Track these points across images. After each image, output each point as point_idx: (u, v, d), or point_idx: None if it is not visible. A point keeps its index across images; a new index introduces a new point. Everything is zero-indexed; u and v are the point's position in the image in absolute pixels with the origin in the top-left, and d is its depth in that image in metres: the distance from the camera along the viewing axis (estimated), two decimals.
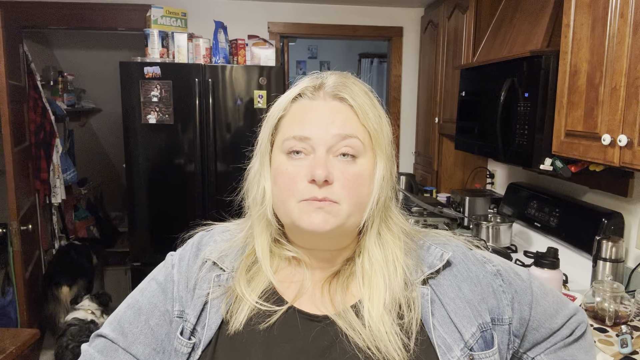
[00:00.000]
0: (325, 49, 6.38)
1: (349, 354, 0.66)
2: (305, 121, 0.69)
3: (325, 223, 0.67)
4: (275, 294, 0.73)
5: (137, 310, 0.76)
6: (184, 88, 2.90)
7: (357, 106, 0.69)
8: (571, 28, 1.60)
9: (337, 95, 0.69)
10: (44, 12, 3.32)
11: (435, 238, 0.79)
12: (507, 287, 0.75)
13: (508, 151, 2.00)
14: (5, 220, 2.69)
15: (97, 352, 0.74)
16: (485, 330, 0.71)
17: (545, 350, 0.79)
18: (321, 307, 0.71)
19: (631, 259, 1.80)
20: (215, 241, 0.79)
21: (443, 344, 0.68)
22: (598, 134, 1.45)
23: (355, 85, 0.71)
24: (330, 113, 0.68)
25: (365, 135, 0.69)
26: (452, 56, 2.92)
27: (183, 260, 0.79)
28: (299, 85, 0.73)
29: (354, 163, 0.68)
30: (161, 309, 0.76)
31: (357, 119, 0.69)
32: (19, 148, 2.82)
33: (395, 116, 3.88)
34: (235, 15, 3.47)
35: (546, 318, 0.78)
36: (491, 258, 0.78)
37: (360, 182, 0.68)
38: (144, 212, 3.00)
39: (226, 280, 0.74)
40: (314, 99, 0.70)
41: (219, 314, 0.71)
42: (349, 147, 0.67)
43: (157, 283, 0.78)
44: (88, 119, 4.86)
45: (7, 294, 2.90)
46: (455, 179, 3.27)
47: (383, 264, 0.71)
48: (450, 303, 0.71)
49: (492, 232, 2.30)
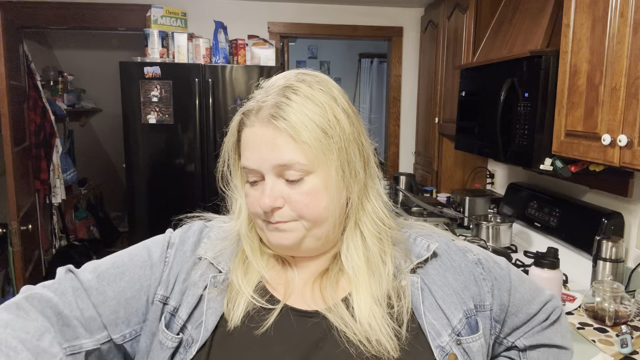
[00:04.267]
0: (325, 49, 6.38)
1: (341, 347, 0.68)
2: (249, 151, 0.70)
3: (285, 240, 0.71)
4: (266, 292, 0.74)
5: (119, 274, 0.75)
6: (184, 88, 2.90)
7: (290, 128, 0.66)
8: (571, 28, 1.60)
9: (271, 121, 0.67)
10: (44, 12, 3.32)
11: (420, 230, 0.81)
12: (487, 274, 0.78)
13: (508, 151, 2.00)
14: (5, 220, 2.69)
15: (70, 289, 0.72)
16: (470, 316, 0.74)
17: (524, 334, 0.83)
18: (312, 304, 0.73)
19: (631, 259, 1.80)
20: (209, 238, 0.80)
21: (433, 330, 0.70)
22: (598, 134, 1.45)
23: (295, 95, 0.68)
24: (269, 141, 0.68)
25: (308, 152, 0.67)
26: (452, 56, 2.92)
27: (182, 245, 0.78)
28: (243, 108, 0.73)
29: (302, 183, 0.69)
30: (143, 283, 0.75)
31: (295, 142, 0.67)
32: (19, 148, 2.82)
33: (395, 116, 3.88)
34: (235, 15, 3.47)
35: (524, 304, 0.81)
36: (471, 248, 0.81)
37: (313, 198, 0.69)
38: (144, 212, 3.00)
39: (222, 281, 0.74)
40: (253, 126, 0.70)
41: (216, 315, 0.71)
42: (292, 172, 0.68)
43: (149, 256, 0.77)
44: (88, 119, 4.86)
45: (7, 294, 2.90)
46: (455, 179, 3.27)
47: (369, 257, 0.73)
48: (438, 291, 0.74)
49: (492, 232, 2.30)
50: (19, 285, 2.72)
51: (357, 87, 6.50)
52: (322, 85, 0.71)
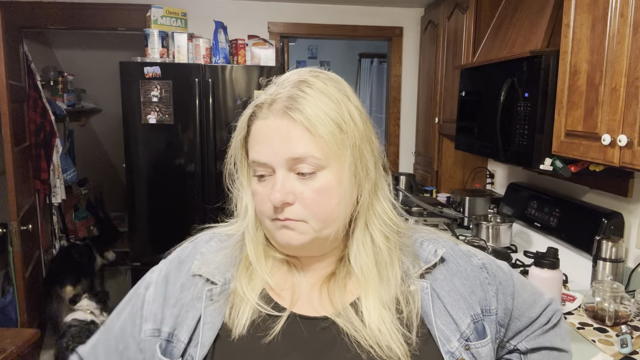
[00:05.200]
0: (325, 49, 6.38)
1: (352, 352, 0.67)
2: (260, 145, 0.68)
3: (294, 240, 0.69)
4: (270, 300, 0.72)
5: (109, 335, 0.79)
6: (184, 88, 2.90)
7: (306, 120, 0.65)
8: (571, 28, 1.60)
9: (287, 112, 0.66)
10: (44, 12, 3.32)
11: (427, 234, 0.81)
12: (492, 279, 0.78)
13: (508, 151, 2.00)
14: (5, 220, 2.69)
15: None
16: (477, 321, 0.74)
17: (526, 338, 0.84)
18: (320, 309, 0.71)
19: (631, 259, 1.80)
20: (201, 253, 0.77)
21: (442, 336, 0.70)
22: (598, 134, 1.45)
23: (310, 89, 0.67)
24: (283, 133, 0.66)
25: (323, 146, 0.66)
26: (452, 56, 2.92)
27: (161, 277, 0.78)
28: (255, 101, 0.71)
29: (314, 179, 0.67)
30: (131, 332, 0.76)
31: (310, 134, 0.66)
32: (19, 148, 2.82)
33: (395, 116, 3.88)
34: (235, 15, 3.47)
35: (526, 307, 0.82)
36: (475, 252, 0.81)
37: (325, 195, 0.67)
38: (144, 212, 3.00)
39: (219, 293, 0.73)
40: (266, 118, 0.68)
41: (214, 329, 0.70)
42: (305, 166, 0.66)
43: (131, 305, 0.78)
44: (88, 119, 4.86)
45: (7, 294, 2.90)
46: (455, 179, 3.27)
47: (378, 259, 0.72)
48: (446, 296, 0.73)
49: (492, 232, 2.30)
50: (19, 285, 2.72)
51: (357, 87, 6.50)
52: (335, 82, 0.71)
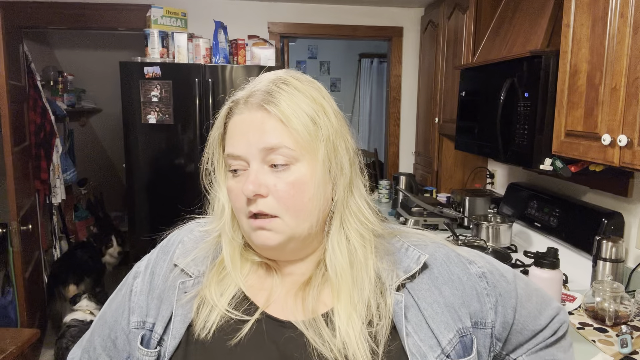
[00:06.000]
0: (325, 49, 6.39)
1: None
2: (235, 138, 0.69)
3: (270, 240, 0.68)
4: (246, 300, 0.72)
5: (103, 323, 0.80)
6: (184, 88, 2.90)
7: (280, 113, 0.66)
8: (571, 28, 1.60)
9: (262, 105, 0.67)
10: (44, 12, 3.32)
11: (418, 238, 0.76)
12: (492, 289, 0.73)
13: (508, 151, 2.00)
14: (5, 220, 2.69)
15: None
16: (465, 335, 0.69)
17: (527, 351, 0.80)
18: (290, 315, 0.70)
19: (631, 259, 1.81)
20: (183, 243, 0.78)
21: (417, 352, 0.66)
22: (598, 134, 1.45)
23: (286, 86, 0.68)
24: (257, 126, 0.67)
25: (297, 138, 0.66)
26: (452, 56, 2.92)
27: (148, 268, 0.79)
28: (232, 98, 0.72)
29: (288, 171, 0.67)
30: (120, 323, 0.77)
31: (284, 126, 0.66)
32: (19, 148, 2.82)
33: (395, 116, 3.88)
34: (235, 15, 3.47)
35: (530, 320, 0.78)
36: (476, 259, 0.76)
37: (298, 189, 0.67)
38: (144, 212, 3.00)
39: (192, 286, 0.73)
40: (242, 113, 0.69)
41: (185, 322, 0.70)
42: (278, 157, 0.66)
43: (122, 295, 0.80)
44: (88, 119, 4.86)
45: (7, 294, 2.90)
46: (455, 179, 3.27)
47: (353, 260, 0.70)
48: (428, 308, 0.69)
49: (492, 232, 2.30)
50: (19, 285, 2.72)
51: (357, 87, 6.50)
52: (310, 83, 0.72)
